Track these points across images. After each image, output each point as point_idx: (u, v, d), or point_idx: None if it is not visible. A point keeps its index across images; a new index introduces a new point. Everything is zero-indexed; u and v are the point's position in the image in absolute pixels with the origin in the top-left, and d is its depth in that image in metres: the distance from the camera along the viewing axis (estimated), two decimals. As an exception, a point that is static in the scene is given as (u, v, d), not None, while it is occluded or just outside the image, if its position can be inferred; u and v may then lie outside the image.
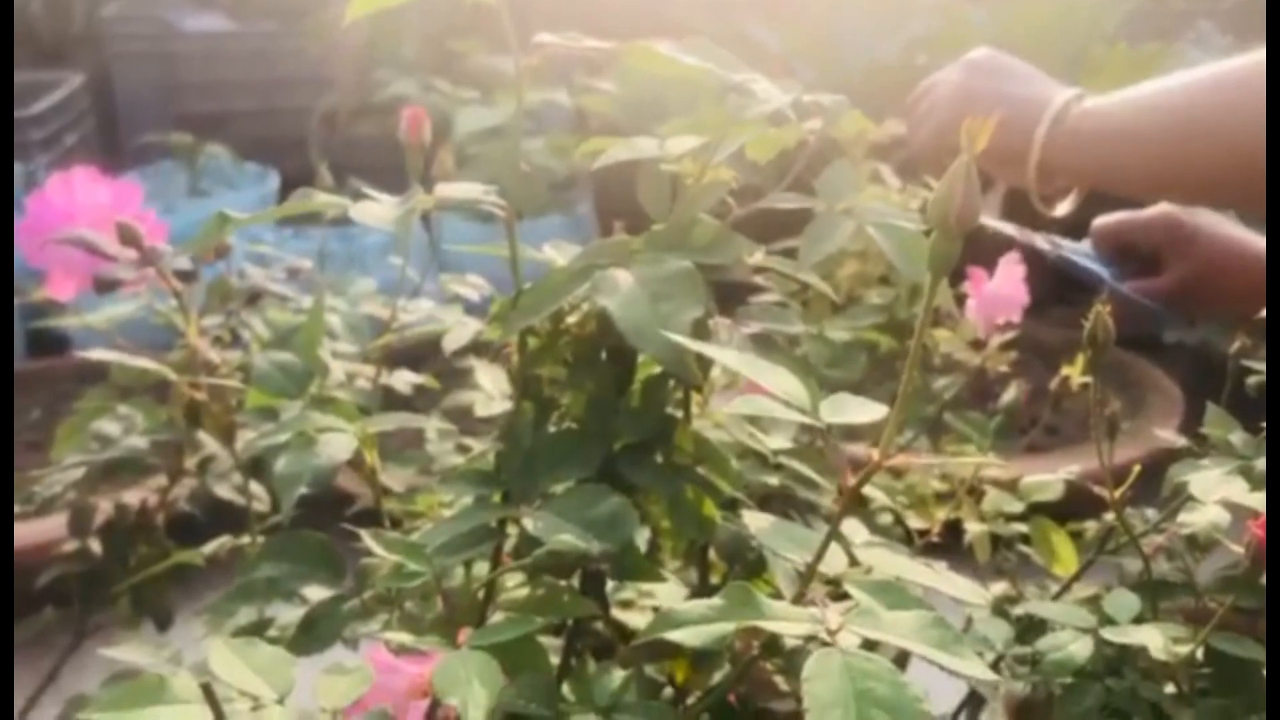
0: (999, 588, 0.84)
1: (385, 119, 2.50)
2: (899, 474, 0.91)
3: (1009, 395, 0.85)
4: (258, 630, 0.71)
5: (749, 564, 0.64)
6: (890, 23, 2.29)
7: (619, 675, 0.53)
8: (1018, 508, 0.88)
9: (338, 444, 0.64)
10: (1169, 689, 0.64)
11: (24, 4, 2.85)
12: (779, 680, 0.60)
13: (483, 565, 0.65)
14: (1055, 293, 1.19)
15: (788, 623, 0.45)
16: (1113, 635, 0.64)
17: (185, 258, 0.81)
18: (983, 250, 0.89)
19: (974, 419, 0.88)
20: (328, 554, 0.61)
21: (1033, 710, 0.74)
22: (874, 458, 0.48)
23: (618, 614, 0.64)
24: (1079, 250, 1.00)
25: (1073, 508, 0.85)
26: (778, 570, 0.52)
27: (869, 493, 0.85)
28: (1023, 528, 0.87)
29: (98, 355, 0.84)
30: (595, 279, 0.53)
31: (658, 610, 0.56)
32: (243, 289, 0.88)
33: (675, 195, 0.62)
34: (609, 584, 0.61)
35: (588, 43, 0.59)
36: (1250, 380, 0.76)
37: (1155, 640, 0.62)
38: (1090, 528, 0.85)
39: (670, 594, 0.62)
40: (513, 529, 0.57)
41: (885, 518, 0.86)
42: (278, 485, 0.62)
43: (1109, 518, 0.74)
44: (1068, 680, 0.64)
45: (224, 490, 0.84)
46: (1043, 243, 1.00)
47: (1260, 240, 0.93)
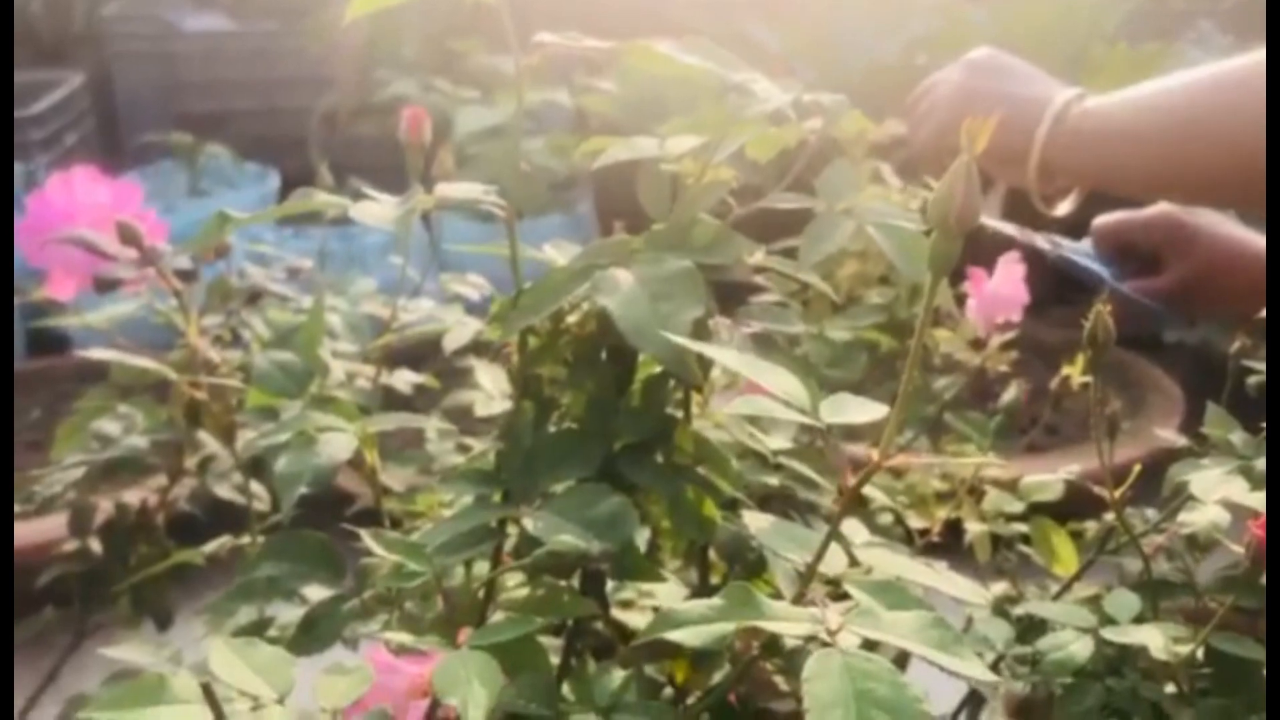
0: (999, 588, 0.84)
1: (385, 119, 2.50)
2: (899, 474, 0.91)
3: (1009, 395, 0.85)
4: (258, 630, 0.71)
5: (749, 564, 0.64)
6: (890, 22, 2.29)
7: (619, 675, 0.53)
8: (1018, 507, 0.88)
9: (338, 443, 0.64)
10: (1169, 689, 0.64)
11: (24, 3, 2.85)
12: (779, 680, 0.60)
13: (483, 565, 0.65)
14: (1055, 292, 1.19)
15: (788, 623, 0.45)
16: (1113, 635, 0.64)
17: (185, 257, 0.81)
18: (983, 250, 0.89)
19: (974, 419, 0.88)
20: (328, 553, 0.61)
21: (1033, 710, 0.74)
22: (874, 457, 0.48)
23: (618, 614, 0.64)
24: (1079, 250, 1.00)
25: (1073, 507, 0.85)
26: (778, 570, 0.52)
27: (869, 493, 0.85)
28: (1023, 527, 0.87)
29: (98, 355, 0.84)
30: (595, 279, 0.53)
31: (658, 610, 0.56)
32: (243, 288, 0.88)
33: (675, 195, 0.62)
34: (609, 584, 0.61)
35: (588, 42, 0.59)
36: (1250, 380, 0.76)
37: (1155, 640, 0.62)
38: (1090, 527, 0.85)
39: (670, 594, 0.62)
40: (513, 529, 0.57)
41: (885, 518, 0.86)
42: (278, 485, 0.62)
43: (1109, 517, 0.74)
44: (1068, 680, 0.64)
45: (224, 490, 0.84)
46: (1043, 242, 1.00)
47: (1260, 239, 0.93)
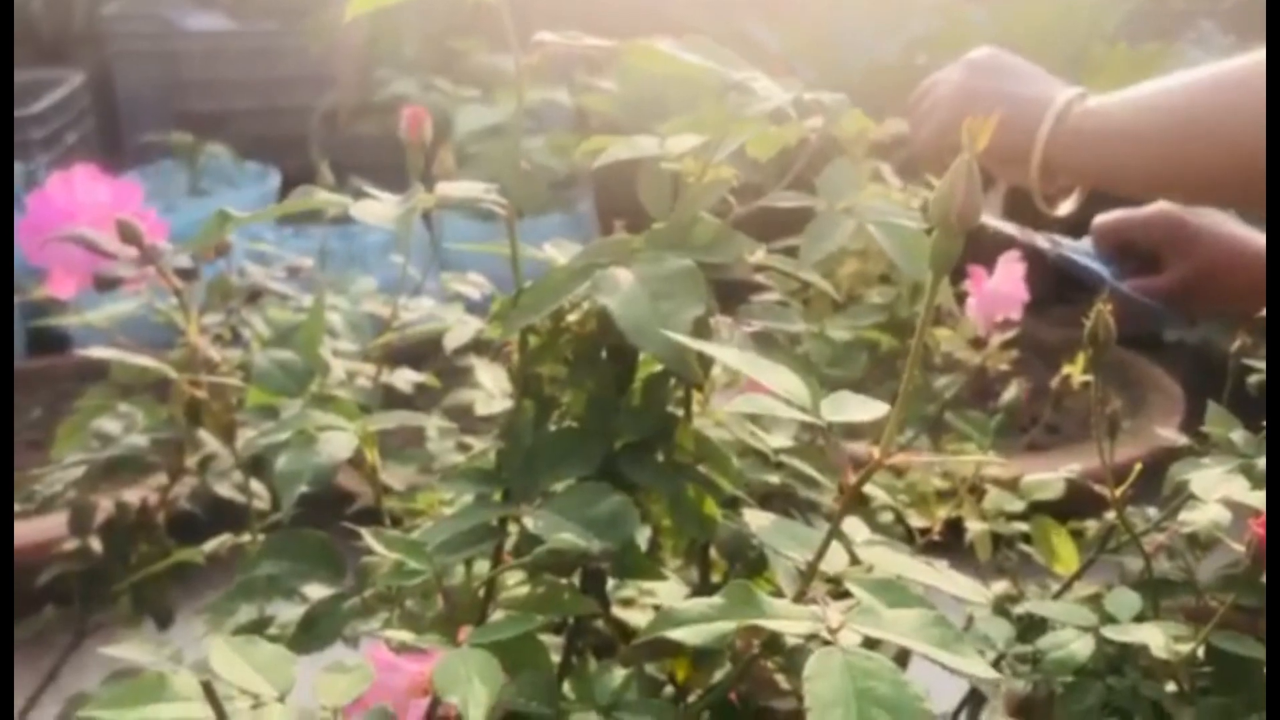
0: (1000, 586, 0.84)
1: (386, 118, 2.50)
2: (900, 472, 0.91)
3: (1010, 394, 0.85)
4: (258, 628, 0.70)
5: (750, 562, 0.64)
6: (890, 22, 2.29)
7: (620, 674, 0.53)
8: (1019, 506, 0.88)
9: (338, 442, 0.64)
10: (1170, 687, 0.64)
11: (25, 2, 2.85)
12: (780, 679, 0.60)
13: (483, 563, 0.65)
14: (1056, 292, 1.19)
15: (789, 621, 0.45)
16: (1114, 634, 0.64)
17: (186, 256, 0.81)
18: (983, 249, 0.89)
19: (975, 418, 0.88)
20: (328, 552, 0.61)
21: (1034, 709, 0.74)
22: (875, 456, 0.48)
23: (618, 612, 0.64)
24: (1079, 249, 1.00)
25: (1074, 506, 0.85)
26: (779, 569, 0.52)
27: (870, 491, 0.85)
28: (1024, 526, 0.87)
29: (98, 353, 0.84)
30: (596, 277, 0.53)
31: (658, 609, 0.56)
32: (243, 287, 0.88)
33: (676, 194, 0.62)
34: (610, 582, 0.61)
35: (588, 41, 0.59)
36: (1251, 379, 0.76)
37: (1156, 639, 0.62)
38: (1091, 526, 0.85)
39: (671, 593, 0.62)
40: (513, 527, 0.57)
41: (886, 516, 0.86)
42: (278, 483, 0.62)
43: (1110, 516, 0.74)
44: (1069, 679, 0.64)
45: (224, 488, 0.84)
46: (1043, 241, 0.99)
47: (1260, 238, 0.93)
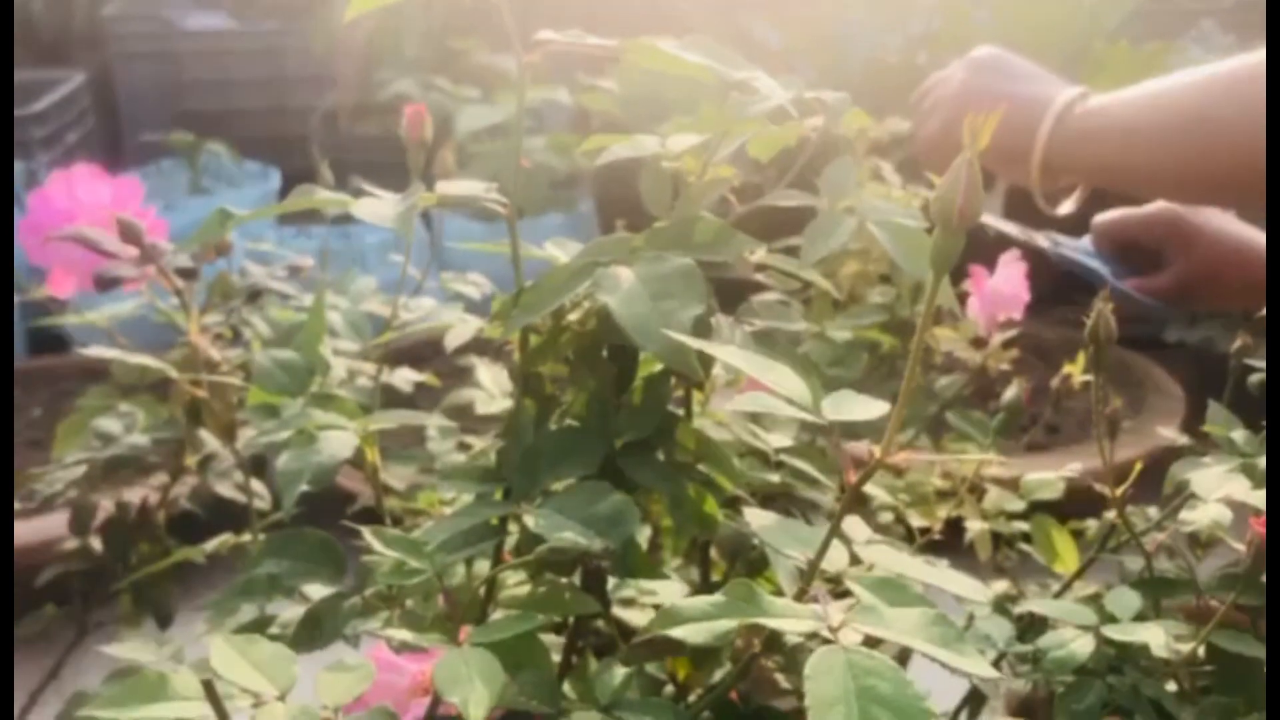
0: (1000, 586, 0.84)
1: (387, 117, 2.50)
2: (900, 472, 0.91)
3: (1010, 393, 0.85)
4: (259, 627, 0.70)
5: (750, 562, 0.64)
6: (891, 21, 2.29)
7: (620, 673, 0.53)
8: (1019, 506, 0.88)
9: (339, 441, 0.64)
10: (1170, 687, 0.64)
11: (25, 2, 2.85)
12: (780, 678, 0.60)
13: (484, 563, 0.65)
14: (1056, 291, 1.19)
15: (789, 619, 0.45)
16: (1114, 633, 0.64)
17: (186, 255, 0.81)
18: (984, 249, 0.89)
19: (975, 417, 0.88)
20: (329, 551, 0.61)
21: (1034, 708, 0.74)
22: (876, 455, 0.48)
23: (619, 612, 0.64)
24: (1079, 247, 1.00)
25: (1074, 506, 0.85)
26: (779, 568, 0.52)
27: (870, 491, 0.85)
28: (1024, 526, 0.87)
29: (98, 353, 0.84)
30: (597, 276, 0.53)
31: (659, 608, 0.56)
32: (244, 287, 0.88)
33: (677, 192, 0.62)
34: (610, 581, 0.60)
35: (589, 40, 0.59)
36: (1252, 378, 0.76)
37: (1157, 638, 0.62)
38: (1091, 526, 0.85)
39: (671, 592, 0.62)
40: (514, 526, 0.57)
41: (886, 516, 0.86)
42: (279, 483, 0.62)
43: (1110, 516, 0.74)
44: (1069, 678, 0.64)
45: (225, 488, 0.84)
46: (1043, 240, 0.99)
47: (1261, 237, 0.93)
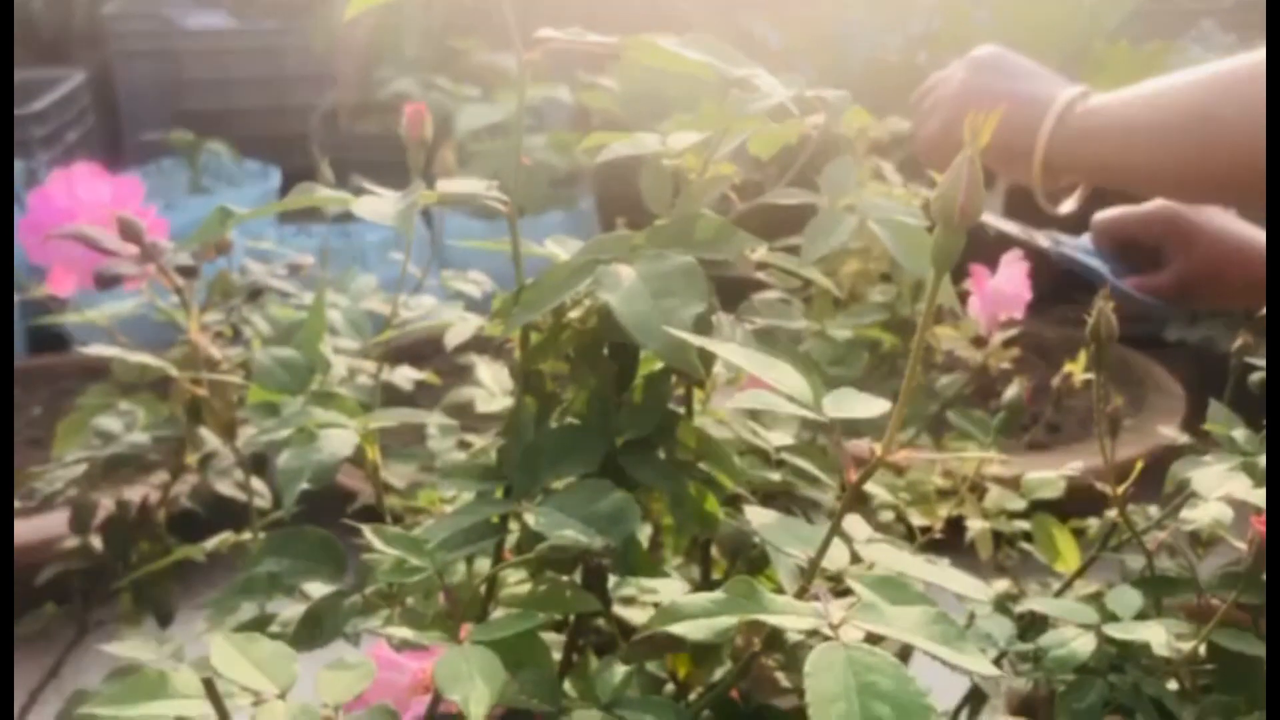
0: (1001, 584, 0.84)
1: (387, 116, 2.50)
2: (901, 471, 0.91)
3: (1011, 392, 0.85)
4: (259, 626, 0.70)
5: (751, 560, 0.64)
6: (892, 20, 2.29)
7: (621, 671, 0.53)
8: (1020, 504, 0.88)
9: (339, 440, 0.64)
10: (1172, 685, 0.64)
11: (26, 1, 2.85)
12: (781, 676, 0.60)
13: (484, 561, 0.65)
14: (1057, 290, 1.19)
15: (790, 617, 0.45)
16: (1115, 632, 0.64)
17: (186, 254, 0.81)
18: (984, 248, 0.89)
19: (976, 416, 0.88)
20: (329, 549, 0.61)
21: (1035, 707, 0.74)
22: (876, 454, 0.48)
23: (619, 610, 0.64)
24: (1080, 246, 1.00)
25: (1075, 505, 0.85)
26: (780, 566, 0.52)
27: (871, 489, 0.85)
28: (1025, 524, 0.87)
29: (99, 352, 0.84)
30: (597, 274, 0.53)
31: (660, 606, 0.56)
32: (244, 285, 0.88)
33: (677, 190, 0.62)
34: (611, 580, 0.61)
35: (590, 38, 0.59)
36: (1252, 377, 0.76)
37: (1158, 636, 0.62)
38: (1092, 525, 0.85)
39: (672, 590, 0.62)
40: (514, 524, 0.57)
41: (887, 514, 0.86)
42: (279, 481, 0.62)
43: (1111, 514, 0.74)
44: (1070, 677, 0.64)
45: (225, 486, 0.84)
46: (1043, 239, 0.99)
47: (1261, 235, 0.93)
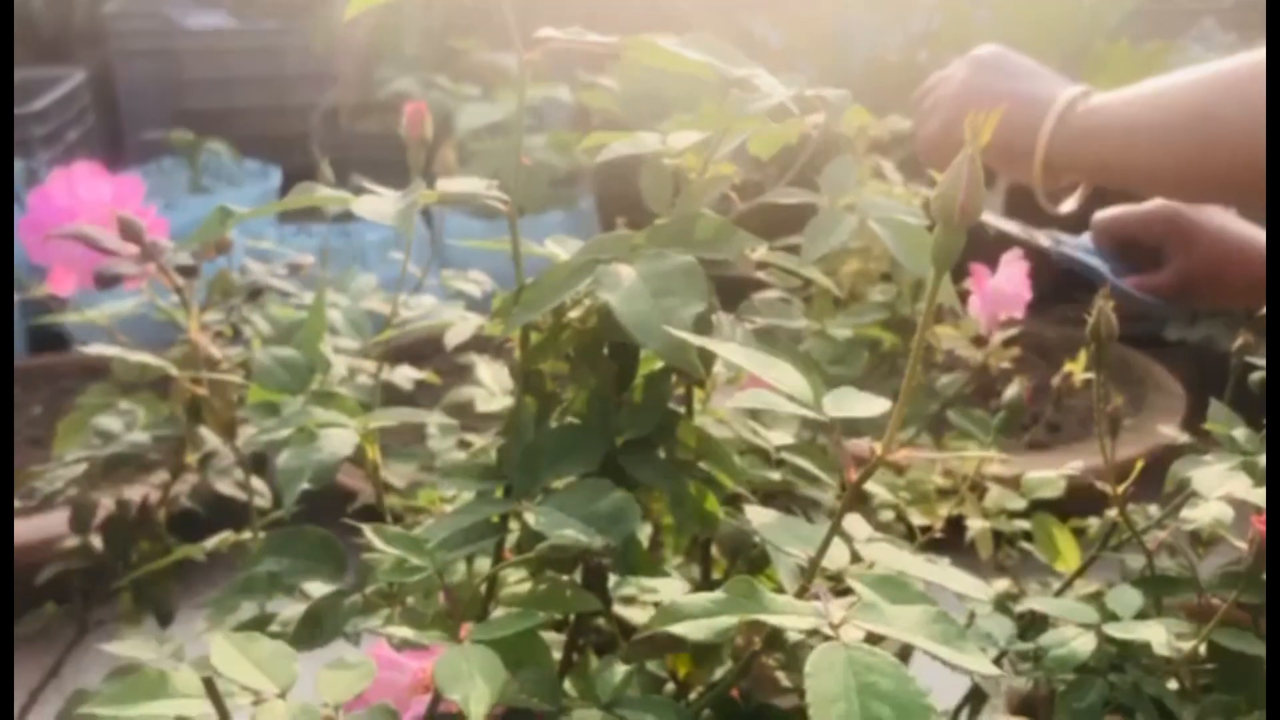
0: (1001, 584, 0.84)
1: (387, 116, 2.50)
2: (901, 470, 0.91)
3: (1011, 392, 0.85)
4: (259, 625, 0.70)
5: (751, 559, 0.64)
6: (892, 19, 2.29)
7: (621, 670, 0.53)
8: (1020, 504, 0.88)
9: (339, 439, 0.64)
10: (1172, 685, 0.64)
11: (26, 0, 2.85)
12: (781, 676, 0.60)
13: (485, 560, 0.65)
14: (1058, 289, 1.19)
15: (790, 617, 0.45)
16: (1115, 631, 0.64)
17: (186, 253, 0.81)
18: (984, 247, 0.89)
19: (976, 415, 0.88)
20: (329, 549, 0.61)
21: (1035, 706, 0.74)
22: (877, 453, 0.48)
23: (620, 610, 0.64)
24: (1080, 245, 1.00)
25: (1075, 504, 0.85)
26: (780, 565, 0.52)
27: (871, 489, 0.85)
28: (1025, 524, 0.87)
29: (99, 351, 0.84)
30: (597, 274, 0.53)
31: (660, 605, 0.56)
32: (244, 284, 0.88)
33: (678, 190, 0.62)
34: (611, 579, 0.61)
35: (590, 38, 0.59)
36: (1253, 377, 0.76)
37: (1158, 636, 0.62)
38: (1093, 524, 0.85)
39: (672, 589, 0.62)
40: (515, 524, 0.57)
41: (887, 514, 0.86)
42: (279, 480, 0.62)
43: (1112, 514, 0.74)
44: (1070, 676, 0.64)
45: (225, 486, 0.84)
46: (1043, 239, 0.99)
47: (1261, 235, 0.93)
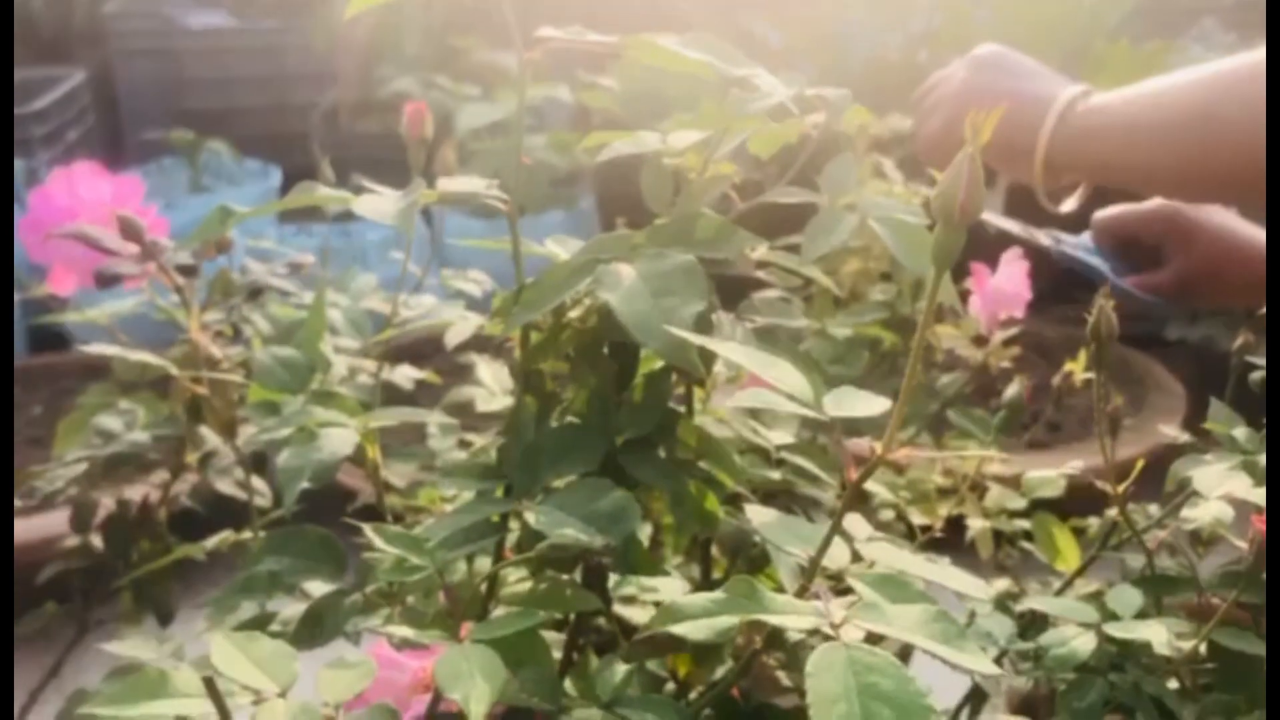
0: (1001, 583, 0.84)
1: (387, 115, 2.50)
2: (902, 469, 0.91)
3: (1011, 391, 0.85)
4: (260, 625, 0.70)
5: (751, 559, 0.64)
6: (892, 19, 2.29)
7: (621, 670, 0.53)
8: (1020, 503, 0.88)
9: (340, 439, 0.64)
10: (1172, 684, 0.64)
11: (25, 0, 2.85)
12: (781, 675, 0.60)
13: (485, 560, 0.65)
14: (1058, 289, 1.19)
15: (791, 616, 0.45)
16: (1116, 631, 0.64)
17: (187, 253, 0.81)
18: (985, 246, 0.89)
19: (976, 415, 0.88)
20: (330, 548, 0.61)
21: (1035, 706, 0.74)
22: (877, 452, 0.48)
23: (620, 609, 0.64)
24: (1080, 244, 1.00)
25: (1075, 504, 0.85)
26: (780, 565, 0.52)
27: (871, 488, 0.85)
28: (1025, 523, 0.87)
29: (99, 350, 0.83)
30: (598, 273, 0.53)
31: (660, 605, 0.56)
32: (244, 284, 0.88)
33: (678, 189, 0.62)
34: (611, 579, 0.61)
35: (590, 37, 0.58)
36: (1253, 376, 0.76)
37: (1158, 635, 0.62)
38: (1093, 524, 0.85)
39: (672, 589, 0.62)
40: (515, 523, 0.57)
41: (888, 513, 0.86)
42: (280, 480, 0.62)
43: (1112, 513, 0.74)
44: (1070, 676, 0.64)
45: (225, 485, 0.84)
46: (1044, 238, 0.99)
47: (1261, 234, 0.93)
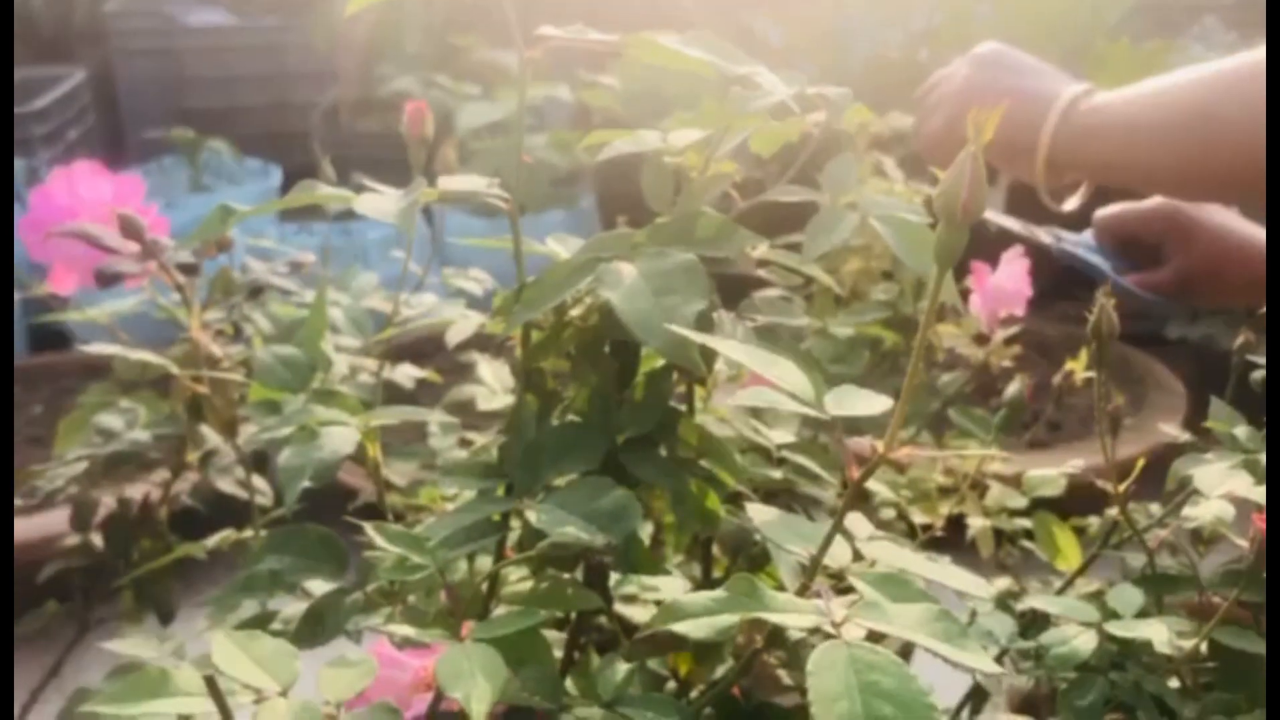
0: (1002, 582, 0.84)
1: (388, 114, 2.50)
2: (903, 468, 0.91)
3: (1012, 390, 0.85)
4: (261, 623, 0.70)
5: (752, 557, 0.64)
6: (892, 17, 2.29)
7: (622, 668, 0.53)
8: (1021, 502, 0.88)
9: (340, 437, 0.64)
10: (1173, 683, 0.64)
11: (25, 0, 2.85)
12: (782, 674, 0.60)
13: (486, 558, 0.65)
14: (1059, 287, 1.19)
15: (792, 615, 0.45)
16: (1116, 630, 0.64)
17: (187, 251, 0.81)
18: (986, 245, 0.89)
19: (977, 414, 0.88)
20: (331, 547, 0.61)
21: (1036, 704, 0.74)
22: (878, 451, 0.48)
23: (621, 608, 0.64)
24: (1081, 243, 1.00)
25: (1076, 503, 0.85)
26: (781, 563, 0.52)
27: (872, 487, 0.85)
28: (1026, 522, 0.87)
29: (100, 350, 0.83)
30: (599, 272, 0.53)
31: (661, 604, 0.56)
32: (245, 283, 0.88)
33: (678, 188, 0.62)
34: (612, 577, 0.61)
35: (591, 36, 0.58)
36: (1253, 375, 0.76)
37: (1159, 634, 0.62)
38: (1094, 522, 0.85)
39: (673, 587, 0.62)
40: (516, 522, 0.57)
41: (889, 512, 0.86)
42: (280, 478, 0.62)
43: (1112, 512, 0.74)
44: (1071, 674, 0.64)
45: (226, 484, 0.84)
46: (1045, 236, 0.99)
47: (1261, 233, 0.93)
